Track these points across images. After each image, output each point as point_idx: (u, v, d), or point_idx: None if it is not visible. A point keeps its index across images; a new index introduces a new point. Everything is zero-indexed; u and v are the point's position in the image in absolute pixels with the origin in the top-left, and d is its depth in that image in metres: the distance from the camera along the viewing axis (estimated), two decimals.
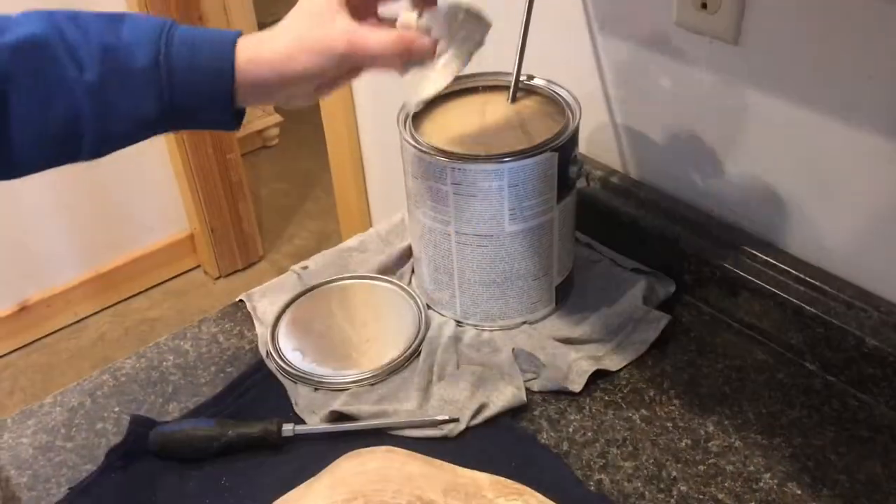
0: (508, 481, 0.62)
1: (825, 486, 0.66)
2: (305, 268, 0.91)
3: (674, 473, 0.67)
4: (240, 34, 0.60)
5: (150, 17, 0.60)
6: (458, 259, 0.78)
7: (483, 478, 0.62)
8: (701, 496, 0.65)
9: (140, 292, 2.26)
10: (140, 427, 0.70)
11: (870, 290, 0.74)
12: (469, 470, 0.63)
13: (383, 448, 0.65)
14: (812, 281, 0.76)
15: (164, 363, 0.80)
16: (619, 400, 0.74)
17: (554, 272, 0.81)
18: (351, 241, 0.96)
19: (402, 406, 0.74)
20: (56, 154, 0.59)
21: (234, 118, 0.62)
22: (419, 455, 0.65)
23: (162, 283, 2.29)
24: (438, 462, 0.64)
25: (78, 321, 2.18)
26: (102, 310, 2.22)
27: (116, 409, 0.76)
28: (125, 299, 2.24)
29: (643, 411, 0.73)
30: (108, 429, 0.74)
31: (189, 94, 0.59)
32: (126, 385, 0.78)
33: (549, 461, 0.69)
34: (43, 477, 0.69)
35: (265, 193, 2.65)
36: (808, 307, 0.74)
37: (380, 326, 0.84)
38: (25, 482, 0.69)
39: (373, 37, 0.60)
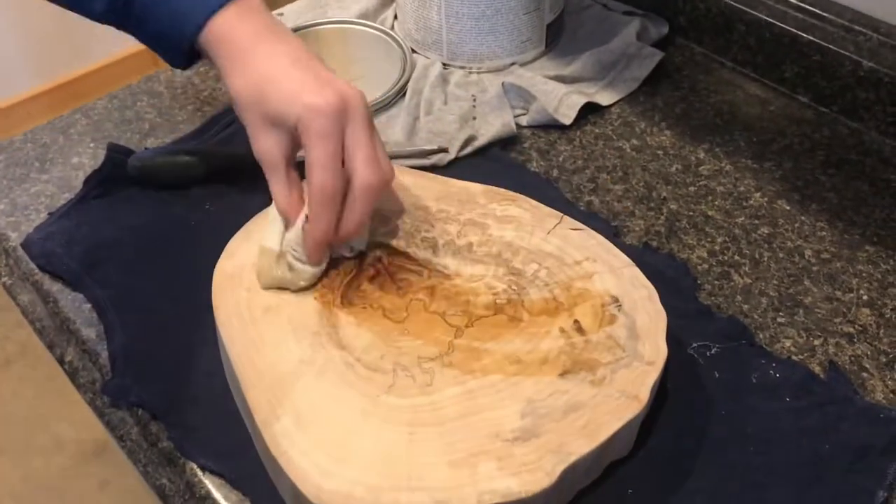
0: (501, 189, 0.61)
1: (814, 203, 0.66)
2: (281, 14, 0.86)
3: (664, 194, 0.67)
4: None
5: None
6: None
7: (475, 186, 0.61)
8: (691, 213, 0.65)
9: None
10: (118, 154, 0.68)
11: (869, 13, 0.72)
12: (461, 181, 0.62)
13: None
14: (810, 8, 0.73)
15: (139, 104, 0.77)
16: (610, 132, 0.73)
17: (545, 6, 0.77)
18: None
19: (389, 139, 0.72)
20: None
21: (187, 61, 0.58)
22: (411, 169, 0.64)
23: None
24: (431, 175, 0.63)
25: None
26: None
27: (91, 144, 0.73)
28: None
29: (634, 141, 0.72)
30: (85, 162, 0.71)
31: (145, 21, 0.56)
32: (100, 123, 0.75)
33: (539, 184, 0.68)
34: (21, 204, 0.67)
35: None
36: (804, 35, 0.72)
37: (362, 69, 0.80)
38: (3, 209, 0.67)
39: (279, 187, 0.54)
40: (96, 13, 0.57)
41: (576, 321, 0.52)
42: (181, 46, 0.55)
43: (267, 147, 0.53)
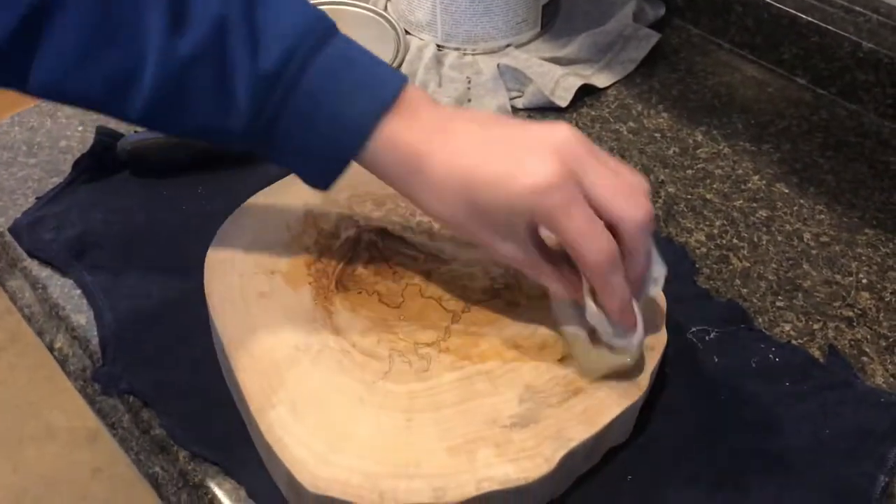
0: None
1: (812, 185, 0.65)
2: None
3: (661, 177, 0.66)
4: (403, 85, 0.43)
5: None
6: None
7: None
8: (689, 196, 0.65)
9: None
10: (107, 137, 0.66)
11: None
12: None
13: None
14: None
15: None
16: (607, 114, 0.72)
17: None
18: None
19: None
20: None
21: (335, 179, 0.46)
22: None
23: None
24: None
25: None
26: None
27: (80, 128, 0.72)
28: None
29: (631, 124, 0.71)
30: (73, 146, 0.70)
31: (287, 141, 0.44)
32: None
33: None
34: (8, 189, 0.66)
35: None
36: (802, 15, 0.72)
37: None
38: None
39: (549, 280, 0.46)
40: (236, 135, 0.43)
41: None
42: (340, 162, 0.44)
43: (513, 254, 0.44)
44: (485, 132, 0.43)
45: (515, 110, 0.72)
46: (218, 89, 0.41)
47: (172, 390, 0.52)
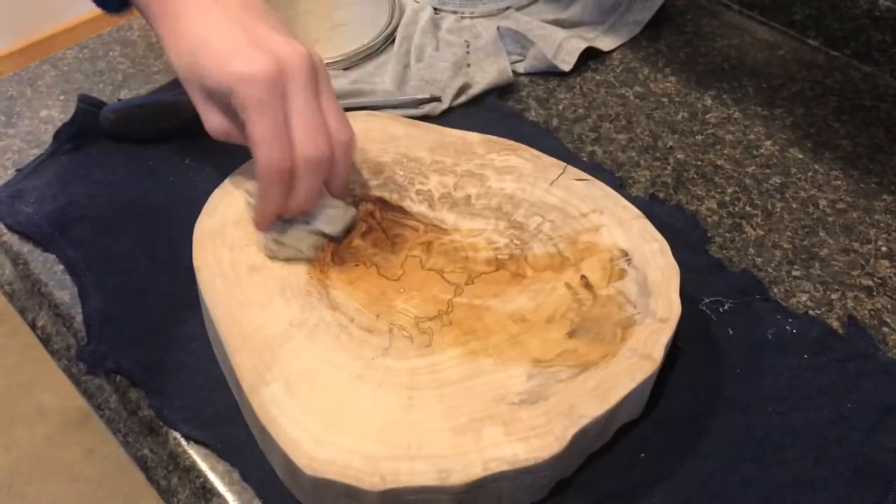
0: (499, 138, 0.57)
1: (827, 150, 0.63)
2: None
3: (670, 143, 0.64)
4: None
5: None
6: None
7: (473, 135, 0.57)
8: (699, 163, 0.62)
9: None
10: (90, 106, 0.63)
11: None
12: (457, 130, 0.58)
13: (363, 112, 0.60)
14: None
15: (111, 53, 0.72)
16: (612, 79, 0.69)
17: None
18: None
19: (378, 88, 0.68)
20: None
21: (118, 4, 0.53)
22: (403, 118, 0.60)
23: None
24: (424, 124, 0.59)
25: None
26: None
27: (62, 97, 0.68)
28: None
29: (637, 88, 0.68)
30: (55, 115, 0.67)
31: None
32: (70, 74, 0.70)
33: (539, 134, 0.64)
34: None
35: None
36: None
37: (347, 14, 0.76)
38: None
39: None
40: None
41: (583, 277, 0.49)
42: None
43: (215, 125, 0.48)
44: (234, 5, 0.47)
45: (517, 74, 0.69)
46: None
47: (161, 369, 0.50)
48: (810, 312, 0.53)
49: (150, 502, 1.41)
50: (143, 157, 0.62)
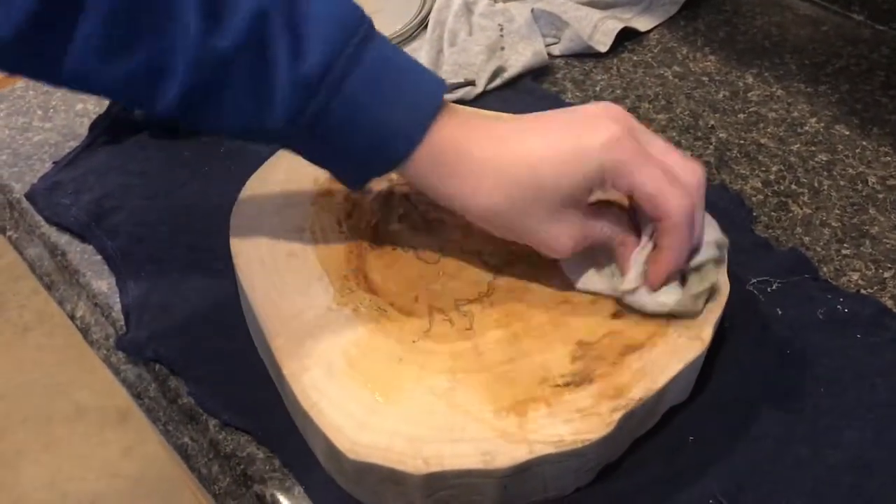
0: None
1: (875, 126, 0.61)
2: None
3: (711, 122, 0.62)
4: (443, 91, 0.41)
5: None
6: None
7: (508, 118, 0.56)
8: (742, 141, 0.60)
9: None
10: None
11: None
12: (492, 112, 0.57)
13: None
14: None
15: None
16: (650, 59, 0.68)
17: None
18: None
19: None
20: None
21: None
22: None
23: None
24: None
25: None
26: None
27: None
28: None
29: (676, 68, 0.67)
30: (90, 109, 0.67)
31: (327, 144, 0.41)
32: None
33: None
34: (24, 154, 0.63)
35: None
36: None
37: (380, 1, 0.75)
38: (5, 160, 0.63)
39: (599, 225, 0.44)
40: (271, 135, 0.41)
41: None
42: (382, 168, 0.42)
43: (569, 237, 0.43)
44: (526, 121, 0.42)
45: (552, 57, 0.68)
46: (255, 89, 0.39)
47: (200, 357, 0.49)
48: (862, 291, 0.51)
49: (188, 498, 1.42)
50: (178, 147, 0.62)
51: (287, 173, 0.53)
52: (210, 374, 0.49)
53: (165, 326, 0.51)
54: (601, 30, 0.68)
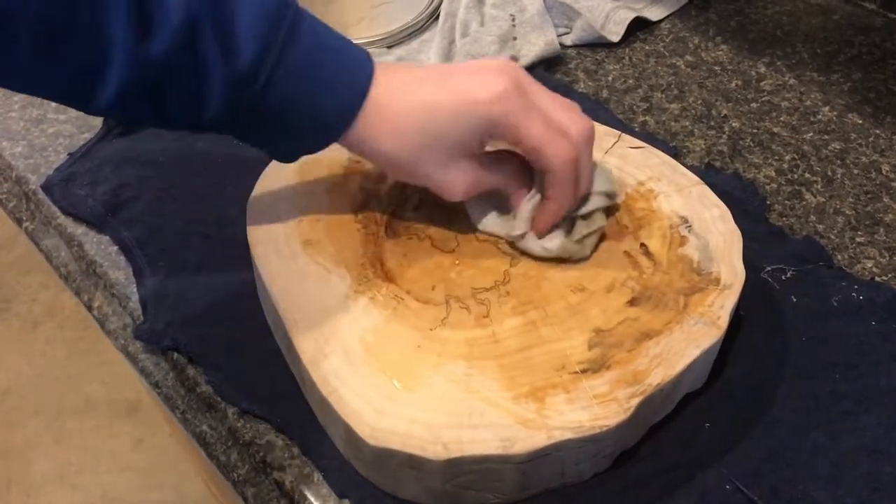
0: None
1: (888, 115, 0.61)
2: None
3: (724, 112, 0.62)
4: (371, 67, 0.43)
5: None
6: None
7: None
8: (755, 130, 0.61)
9: None
10: None
11: None
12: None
13: None
14: None
15: None
16: (662, 49, 0.68)
17: None
18: None
19: (424, 64, 0.67)
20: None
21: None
22: None
23: None
24: None
25: None
26: None
27: None
28: None
29: (688, 57, 0.67)
30: None
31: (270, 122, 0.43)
32: None
33: (589, 106, 0.63)
34: (39, 146, 0.64)
35: None
36: None
37: None
38: (21, 152, 0.63)
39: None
40: (208, 127, 0.42)
41: (642, 244, 0.48)
42: (314, 149, 0.45)
43: (462, 183, 0.45)
44: (429, 71, 0.44)
45: (564, 46, 0.68)
46: (191, 91, 0.40)
47: (218, 345, 0.50)
48: (877, 279, 0.51)
49: (199, 489, 1.43)
50: (193, 137, 0.62)
51: (302, 163, 0.53)
52: (228, 362, 0.49)
53: (183, 315, 0.51)
54: (613, 19, 0.68)
